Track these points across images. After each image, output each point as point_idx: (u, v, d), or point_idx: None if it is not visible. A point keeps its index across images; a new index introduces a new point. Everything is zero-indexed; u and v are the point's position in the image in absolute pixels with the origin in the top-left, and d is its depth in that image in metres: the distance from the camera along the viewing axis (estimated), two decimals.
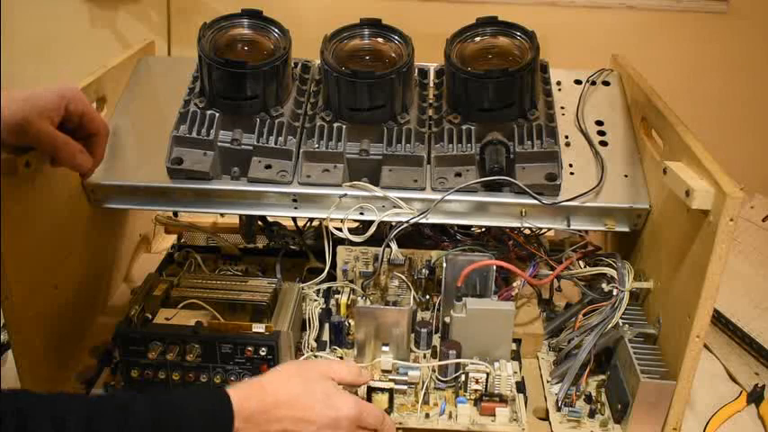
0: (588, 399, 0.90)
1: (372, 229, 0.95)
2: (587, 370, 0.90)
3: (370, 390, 0.85)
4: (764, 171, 1.67)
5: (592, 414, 0.89)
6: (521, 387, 0.90)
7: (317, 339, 0.98)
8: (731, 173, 0.76)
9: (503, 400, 0.87)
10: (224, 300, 0.92)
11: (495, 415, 0.86)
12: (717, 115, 1.67)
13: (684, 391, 0.83)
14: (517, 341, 0.99)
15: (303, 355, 0.93)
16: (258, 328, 0.83)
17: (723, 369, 1.12)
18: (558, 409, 0.89)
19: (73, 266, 0.98)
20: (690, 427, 0.98)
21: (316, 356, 0.93)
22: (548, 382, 0.94)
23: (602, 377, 0.93)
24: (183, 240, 1.29)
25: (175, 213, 1.25)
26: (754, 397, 1.04)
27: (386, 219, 0.94)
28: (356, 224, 1.10)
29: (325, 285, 1.06)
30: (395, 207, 0.94)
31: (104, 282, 1.11)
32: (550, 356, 0.99)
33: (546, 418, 0.89)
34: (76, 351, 0.99)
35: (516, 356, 0.96)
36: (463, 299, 0.92)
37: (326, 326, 1.01)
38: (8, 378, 0.98)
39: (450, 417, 0.87)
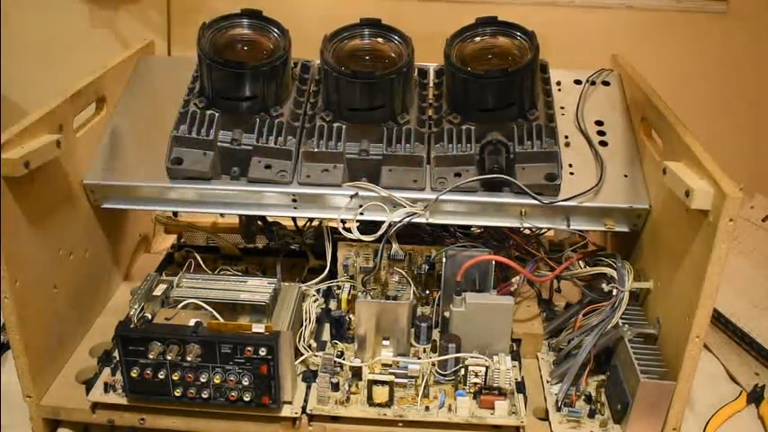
0: (588, 399, 0.90)
1: (384, 228, 0.95)
2: (587, 370, 0.91)
3: (371, 383, 0.86)
4: (764, 171, 1.67)
5: (591, 414, 0.89)
6: (520, 387, 0.90)
7: (317, 339, 0.98)
8: (731, 173, 0.76)
9: (502, 393, 0.87)
10: (224, 300, 0.92)
11: (494, 408, 0.87)
12: (716, 115, 1.67)
13: (684, 391, 0.83)
14: (517, 341, 0.99)
15: (303, 356, 0.93)
16: (258, 328, 0.83)
17: (723, 369, 1.12)
18: (558, 410, 0.89)
19: (72, 266, 0.98)
20: (690, 427, 0.98)
21: (316, 356, 0.93)
22: (547, 382, 0.94)
23: (602, 377, 0.93)
24: (182, 240, 1.29)
25: (175, 213, 1.25)
26: (754, 397, 1.04)
27: (395, 219, 0.94)
28: (356, 223, 1.10)
29: (325, 285, 1.06)
30: (398, 206, 0.94)
31: (104, 282, 1.11)
32: (550, 356, 0.99)
33: (546, 419, 0.89)
34: (76, 351, 1.00)
35: (516, 356, 0.96)
36: (463, 293, 0.92)
37: (326, 325, 1.01)
38: (8, 378, 0.98)
39: (449, 409, 0.87)
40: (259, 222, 1.17)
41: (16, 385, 0.89)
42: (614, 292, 0.91)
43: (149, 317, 0.88)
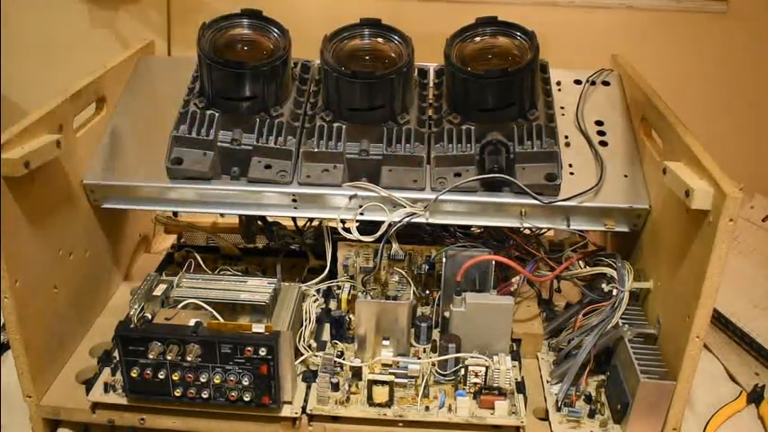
0: (588, 399, 0.90)
1: (383, 228, 0.94)
2: (587, 370, 0.91)
3: (371, 383, 0.86)
4: (764, 171, 1.67)
5: (591, 414, 0.89)
6: (520, 387, 0.90)
7: (317, 339, 0.98)
8: (730, 173, 0.76)
9: (502, 393, 0.87)
10: (224, 300, 0.92)
11: (494, 408, 0.86)
12: (716, 115, 1.67)
13: (684, 391, 0.82)
14: (517, 341, 0.99)
15: (303, 356, 0.93)
16: (258, 328, 0.83)
17: (723, 369, 1.12)
18: (558, 410, 0.89)
19: (73, 266, 0.98)
20: (690, 428, 0.98)
21: (316, 356, 0.93)
22: (547, 382, 0.94)
23: (602, 377, 0.93)
24: (183, 240, 1.29)
25: (175, 213, 1.25)
26: (754, 397, 1.04)
27: (395, 219, 0.94)
28: (356, 223, 1.10)
29: (325, 285, 1.06)
30: (399, 206, 0.94)
31: (104, 282, 1.11)
32: (550, 357, 0.99)
33: (546, 419, 0.89)
34: (76, 351, 1.00)
35: (516, 356, 0.96)
36: (463, 293, 0.92)
37: (326, 325, 1.01)
38: (8, 378, 0.98)
39: (449, 410, 0.87)
40: (259, 222, 1.17)
41: (16, 385, 0.89)
42: (614, 292, 0.91)
43: (149, 317, 0.88)
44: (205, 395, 0.85)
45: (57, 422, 0.93)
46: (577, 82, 1.10)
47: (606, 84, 1.11)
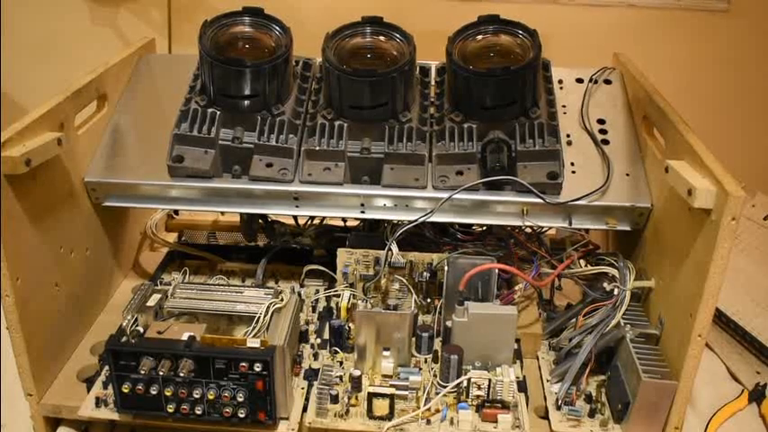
0: (588, 398, 0.90)
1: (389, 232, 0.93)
2: (588, 369, 0.90)
3: (371, 395, 0.84)
4: (765, 169, 1.67)
5: (592, 413, 0.88)
6: (522, 386, 0.90)
7: (319, 335, 0.98)
8: (732, 171, 0.76)
9: (505, 406, 0.85)
10: (219, 311, 0.90)
11: (497, 421, 0.84)
12: (718, 113, 1.67)
13: (686, 390, 0.82)
14: (516, 340, 0.98)
15: (302, 369, 0.92)
16: (253, 342, 0.80)
17: (724, 368, 1.12)
18: (558, 408, 0.88)
19: (74, 264, 0.98)
20: (691, 426, 0.98)
21: (316, 353, 0.92)
22: (547, 381, 0.94)
23: (603, 377, 0.93)
24: (183, 238, 1.29)
25: (176, 212, 1.25)
26: (756, 396, 1.04)
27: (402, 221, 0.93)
28: (356, 222, 1.10)
29: (323, 294, 1.06)
30: (404, 209, 0.94)
31: (105, 280, 1.11)
32: (550, 356, 0.98)
33: (546, 417, 0.89)
34: (77, 349, 1.00)
35: (518, 355, 0.96)
36: (465, 303, 0.90)
37: (327, 324, 1.00)
38: (9, 376, 0.98)
39: (451, 423, 0.85)
40: (260, 221, 1.17)
41: (17, 383, 0.89)
42: (616, 291, 0.91)
43: (141, 330, 0.85)
44: (199, 411, 0.82)
45: (58, 420, 0.93)
46: (579, 80, 1.10)
47: (608, 82, 1.11)
